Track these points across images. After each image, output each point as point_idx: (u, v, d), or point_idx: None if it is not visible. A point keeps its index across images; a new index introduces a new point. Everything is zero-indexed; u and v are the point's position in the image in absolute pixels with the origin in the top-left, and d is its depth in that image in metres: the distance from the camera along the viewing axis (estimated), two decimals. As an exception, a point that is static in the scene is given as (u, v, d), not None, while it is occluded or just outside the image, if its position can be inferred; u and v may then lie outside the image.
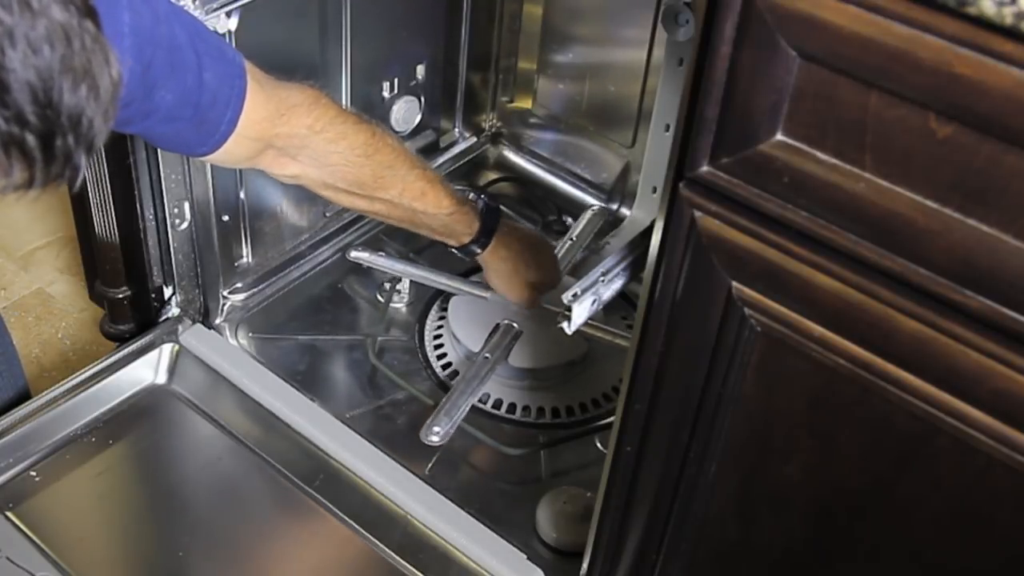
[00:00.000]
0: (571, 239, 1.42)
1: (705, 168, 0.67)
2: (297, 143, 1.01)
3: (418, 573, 1.08)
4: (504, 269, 1.25)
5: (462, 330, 1.31)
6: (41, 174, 0.61)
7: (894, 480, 0.70)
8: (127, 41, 0.80)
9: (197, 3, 1.05)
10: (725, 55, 0.63)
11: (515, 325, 1.28)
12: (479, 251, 1.21)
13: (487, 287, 1.31)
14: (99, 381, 1.21)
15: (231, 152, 0.96)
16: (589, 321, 1.06)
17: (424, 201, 1.12)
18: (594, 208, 1.48)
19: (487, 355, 1.25)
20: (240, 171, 1.27)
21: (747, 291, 0.70)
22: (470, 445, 1.22)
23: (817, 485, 0.75)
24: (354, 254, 1.40)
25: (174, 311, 1.29)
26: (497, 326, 1.28)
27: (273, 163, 1.03)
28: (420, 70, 1.46)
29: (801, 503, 0.77)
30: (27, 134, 0.58)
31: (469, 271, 1.37)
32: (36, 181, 0.61)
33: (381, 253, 1.40)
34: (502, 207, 1.26)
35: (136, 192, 1.17)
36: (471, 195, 1.21)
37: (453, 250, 1.22)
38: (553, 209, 1.53)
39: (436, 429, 1.16)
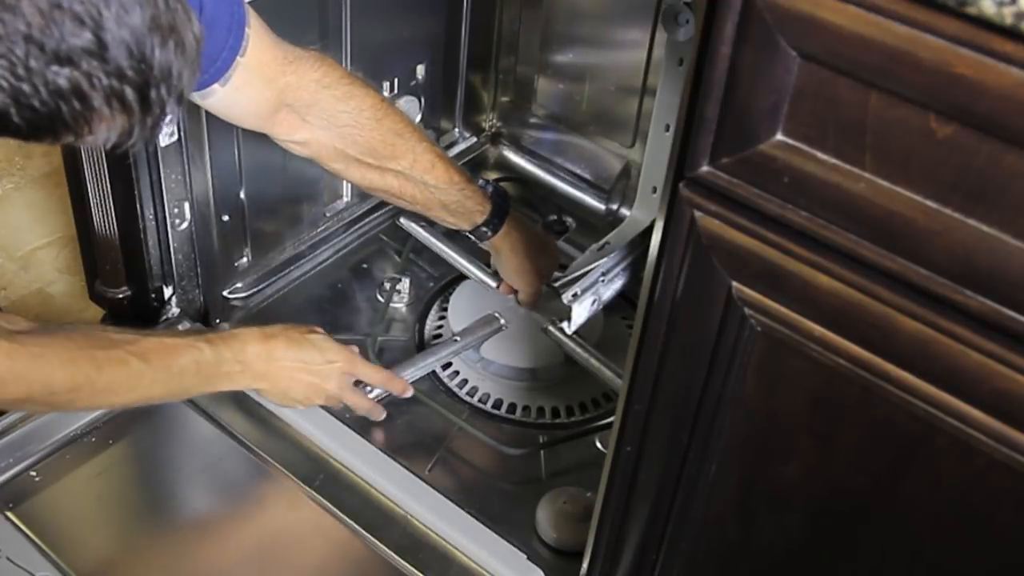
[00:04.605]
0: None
1: (705, 168, 0.67)
2: (307, 98, 1.02)
3: (418, 573, 1.08)
4: (516, 255, 1.25)
5: (462, 330, 1.31)
6: (139, 125, 0.68)
7: (894, 480, 0.70)
8: None
9: (197, 3, 1.05)
10: (725, 55, 0.63)
11: (501, 321, 1.29)
12: (491, 234, 1.20)
13: (496, 276, 1.31)
14: (99, 381, 1.21)
15: (243, 91, 0.97)
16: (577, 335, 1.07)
17: (435, 174, 1.11)
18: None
19: (456, 338, 1.27)
20: (240, 170, 1.27)
21: (747, 291, 0.70)
22: (470, 445, 1.22)
23: (817, 485, 0.75)
24: (403, 220, 1.40)
25: (174, 311, 1.29)
26: (487, 316, 1.29)
27: (283, 124, 1.04)
28: (420, 70, 1.46)
29: (801, 503, 0.77)
30: (126, 87, 0.66)
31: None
32: (135, 132, 0.69)
33: (423, 223, 1.39)
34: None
35: (136, 192, 1.17)
36: (480, 181, 1.21)
37: (467, 234, 1.22)
38: (553, 209, 1.53)
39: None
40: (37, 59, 0.62)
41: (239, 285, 1.35)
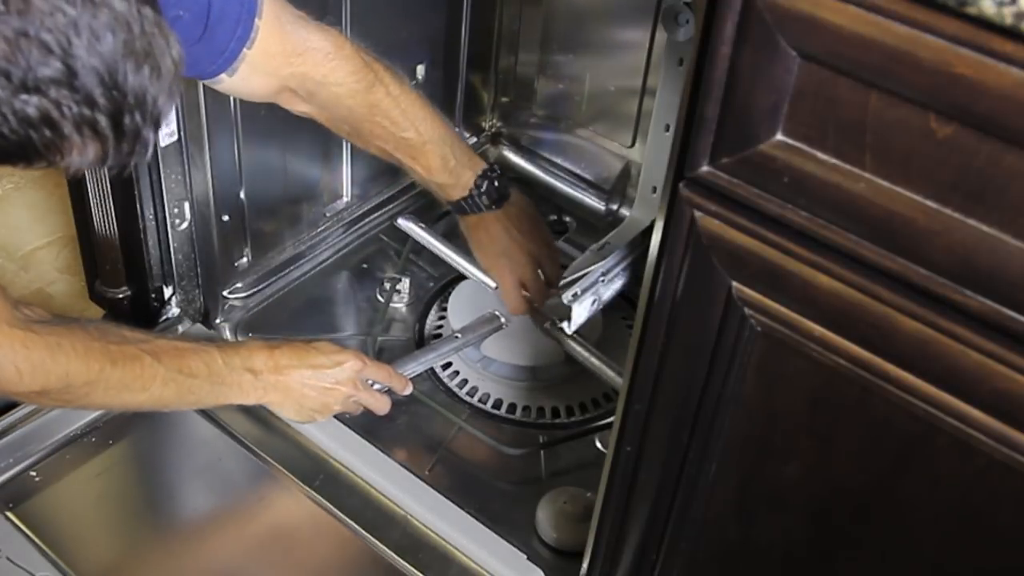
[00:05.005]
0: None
1: (705, 168, 0.67)
2: (310, 87, 1.05)
3: (418, 573, 1.08)
4: (478, 247, 1.26)
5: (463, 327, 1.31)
6: (114, 151, 0.67)
7: (894, 480, 0.70)
8: None
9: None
10: (725, 55, 0.63)
11: (502, 319, 1.29)
12: (468, 211, 1.22)
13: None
14: (99, 381, 1.21)
15: (248, 81, 0.99)
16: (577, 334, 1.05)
17: (414, 163, 1.16)
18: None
19: (457, 335, 1.27)
20: (240, 170, 1.27)
21: (747, 291, 0.70)
22: (470, 445, 1.22)
23: (817, 485, 0.75)
24: (401, 221, 1.39)
25: (174, 311, 1.29)
26: (488, 314, 1.30)
27: (288, 100, 1.08)
28: (420, 70, 1.46)
29: (801, 503, 0.77)
30: (97, 114, 0.65)
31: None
32: (110, 158, 0.67)
33: (422, 225, 1.38)
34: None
35: (136, 192, 1.17)
36: (483, 181, 1.20)
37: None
38: (553, 209, 1.53)
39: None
40: (4, 88, 0.61)
41: (239, 285, 1.35)
